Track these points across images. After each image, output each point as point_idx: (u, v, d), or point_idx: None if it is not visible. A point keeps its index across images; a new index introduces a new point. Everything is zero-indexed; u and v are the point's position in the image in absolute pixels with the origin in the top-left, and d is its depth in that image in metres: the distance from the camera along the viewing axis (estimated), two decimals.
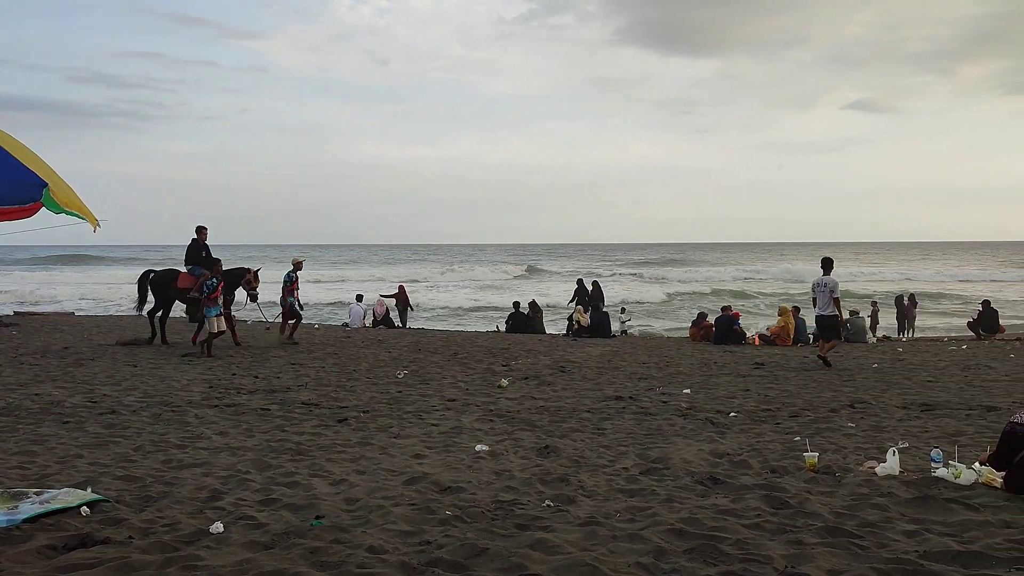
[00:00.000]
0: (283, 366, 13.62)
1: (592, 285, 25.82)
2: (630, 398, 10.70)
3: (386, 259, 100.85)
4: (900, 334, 25.22)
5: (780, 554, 4.36)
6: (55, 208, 5.66)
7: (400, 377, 12.56)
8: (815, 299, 14.62)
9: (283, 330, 17.61)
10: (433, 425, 8.74)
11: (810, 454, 6.58)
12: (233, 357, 14.73)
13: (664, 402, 10.44)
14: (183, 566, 4.22)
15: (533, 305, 24.71)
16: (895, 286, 42.72)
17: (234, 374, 12.54)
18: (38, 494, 5.34)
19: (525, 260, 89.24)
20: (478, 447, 7.44)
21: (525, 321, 23.59)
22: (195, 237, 16.88)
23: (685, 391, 11.41)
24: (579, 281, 26.52)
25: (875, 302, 26.26)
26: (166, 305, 17.04)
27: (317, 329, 22.12)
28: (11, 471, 6.36)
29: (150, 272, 17.51)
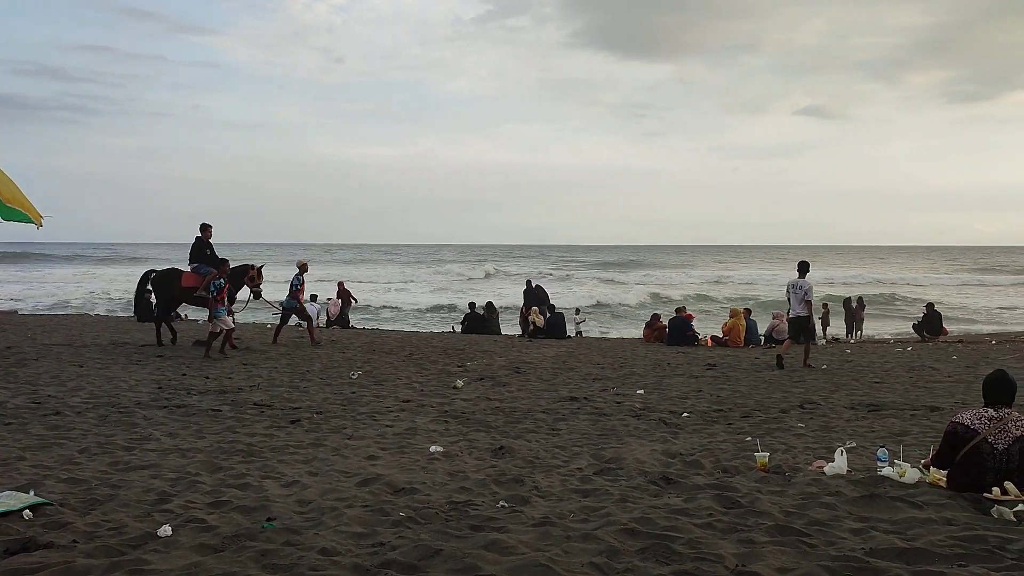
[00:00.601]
0: (235, 366, 13.42)
1: (537, 288, 25.62)
2: (585, 399, 10.76)
3: (342, 259, 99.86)
4: (848, 336, 25.76)
5: (731, 553, 4.42)
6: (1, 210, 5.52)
7: (354, 378, 12.46)
8: (788, 299, 14.98)
9: (277, 333, 17.57)
10: (387, 426, 8.68)
11: (761, 454, 6.68)
12: (183, 357, 14.47)
13: (618, 403, 10.51)
14: (129, 570, 4.13)
15: (489, 306, 24.71)
16: (845, 289, 43.55)
17: (184, 374, 12.32)
18: None
19: (484, 261, 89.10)
20: (432, 448, 7.41)
21: (481, 322, 23.58)
22: (199, 235, 16.37)
23: (639, 392, 11.50)
24: (528, 283, 26.40)
25: (826, 304, 26.75)
26: (167, 305, 16.64)
27: (270, 328, 21.82)
28: None
29: (151, 272, 17.02)
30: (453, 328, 25.16)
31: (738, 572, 4.15)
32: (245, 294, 16.83)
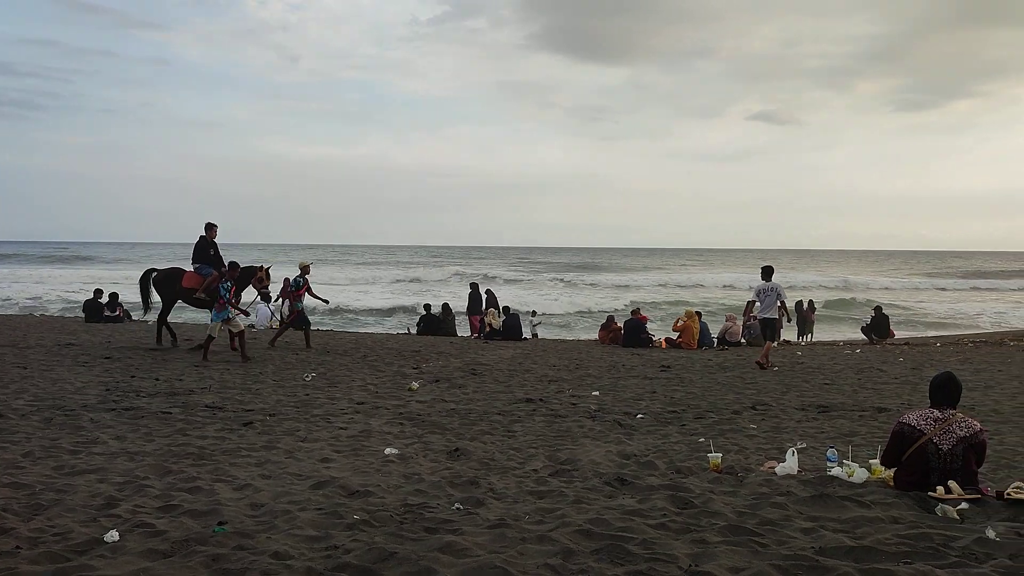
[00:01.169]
0: (185, 368, 13.19)
1: (486, 293, 25.22)
2: (540, 400, 10.79)
3: (296, 259, 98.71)
4: (799, 338, 26.18)
5: (685, 553, 4.46)
6: None
7: (308, 380, 12.33)
8: (754, 303, 15.54)
9: (276, 336, 17.37)
10: (341, 428, 8.61)
11: (714, 455, 6.77)
12: (132, 359, 14.18)
13: (574, 404, 10.56)
14: None
15: (445, 308, 24.61)
16: (797, 293, 44.26)
17: (133, 376, 12.08)
18: None
19: (440, 262, 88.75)
20: (387, 450, 7.37)
21: (437, 323, 23.49)
22: (203, 234, 16.01)
23: (594, 393, 11.57)
24: (474, 285, 25.89)
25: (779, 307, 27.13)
26: (168, 304, 16.26)
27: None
28: None
29: (152, 271, 16.64)
30: (408, 330, 25.02)
31: (691, 572, 4.20)
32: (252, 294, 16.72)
